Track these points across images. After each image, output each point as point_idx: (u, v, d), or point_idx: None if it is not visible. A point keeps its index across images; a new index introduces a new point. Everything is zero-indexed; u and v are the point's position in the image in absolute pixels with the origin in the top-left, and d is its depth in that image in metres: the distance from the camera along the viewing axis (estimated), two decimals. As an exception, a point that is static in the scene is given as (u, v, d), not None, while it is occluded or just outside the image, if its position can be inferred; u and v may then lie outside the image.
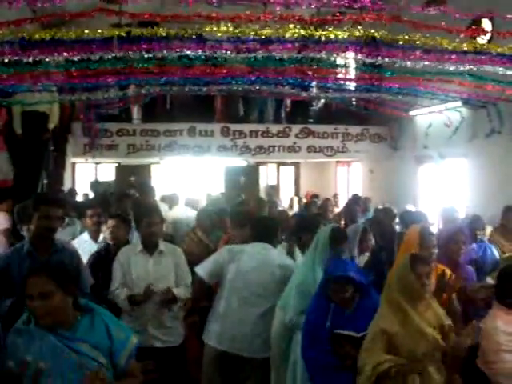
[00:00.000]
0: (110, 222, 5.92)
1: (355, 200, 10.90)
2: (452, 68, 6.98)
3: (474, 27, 8.62)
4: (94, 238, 6.54)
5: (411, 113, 12.81)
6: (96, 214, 6.68)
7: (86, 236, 6.57)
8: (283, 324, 5.00)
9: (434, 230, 6.67)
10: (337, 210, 11.04)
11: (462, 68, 6.94)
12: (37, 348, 3.06)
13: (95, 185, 11.84)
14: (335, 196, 13.51)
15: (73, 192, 11.25)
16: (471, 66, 6.83)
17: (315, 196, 13.65)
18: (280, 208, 10.97)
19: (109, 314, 3.37)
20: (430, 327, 3.79)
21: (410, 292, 3.83)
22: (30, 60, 6.24)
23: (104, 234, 6.34)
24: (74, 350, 3.07)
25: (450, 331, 3.87)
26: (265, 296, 5.18)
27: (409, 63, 6.83)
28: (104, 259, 5.62)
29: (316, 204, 11.21)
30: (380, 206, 10.45)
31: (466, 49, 6.25)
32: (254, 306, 5.16)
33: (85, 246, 6.18)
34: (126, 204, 7.76)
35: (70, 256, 4.56)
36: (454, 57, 6.50)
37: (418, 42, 6.11)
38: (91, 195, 12.06)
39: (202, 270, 5.32)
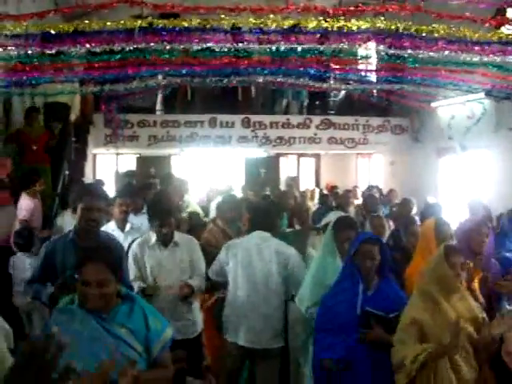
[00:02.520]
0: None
1: (370, 190, 10.91)
2: (475, 59, 6.90)
3: (498, 17, 8.49)
4: (121, 227, 6.59)
5: (433, 104, 12.70)
6: (124, 203, 6.72)
7: (112, 225, 6.60)
8: (301, 316, 5.02)
9: (456, 221, 6.61)
10: (356, 202, 11.01)
11: (485, 59, 6.86)
12: (77, 327, 3.11)
13: (129, 175, 11.90)
14: (355, 188, 13.44)
15: (100, 183, 11.32)
16: (495, 57, 6.75)
17: (334, 187, 13.61)
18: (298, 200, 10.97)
19: (148, 304, 3.44)
20: (461, 319, 3.74)
21: (444, 283, 3.83)
22: (53, 51, 6.29)
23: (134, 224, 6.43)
24: (112, 333, 3.13)
25: (484, 324, 3.84)
26: (268, 287, 5.16)
27: (432, 54, 6.77)
28: None
29: (337, 195, 11.20)
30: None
31: (490, 39, 6.17)
32: (260, 298, 5.15)
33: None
34: (149, 195, 7.80)
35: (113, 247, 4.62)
36: (477, 47, 6.43)
37: (441, 33, 6.04)
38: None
39: (210, 269, 5.42)
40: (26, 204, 8.00)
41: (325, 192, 13.41)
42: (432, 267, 3.94)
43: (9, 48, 6.15)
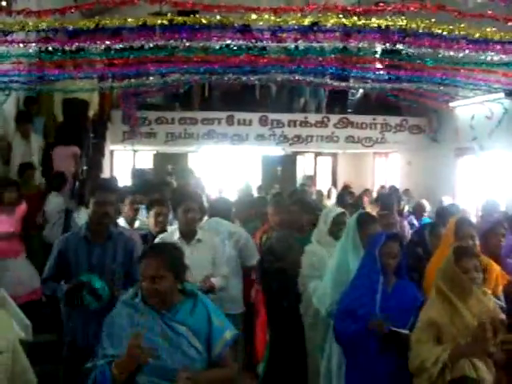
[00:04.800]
0: (158, 209, 5.97)
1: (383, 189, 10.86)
2: (496, 58, 6.84)
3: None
4: (131, 224, 6.60)
5: (451, 104, 12.61)
6: (135, 200, 6.74)
7: (122, 222, 6.61)
8: (318, 314, 5.01)
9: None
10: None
11: (506, 58, 6.80)
12: (140, 321, 3.15)
13: (139, 172, 12.00)
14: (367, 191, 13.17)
15: (114, 179, 11.39)
16: (517, 56, 6.69)
17: (347, 187, 13.52)
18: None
19: (211, 302, 3.43)
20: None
21: (456, 286, 3.74)
22: (73, 48, 6.32)
23: (144, 221, 6.42)
24: (174, 329, 3.15)
25: (502, 325, 3.75)
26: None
27: (452, 53, 6.72)
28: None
29: (352, 195, 11.14)
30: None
31: (512, 38, 6.11)
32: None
33: None
34: (166, 191, 7.82)
35: (124, 243, 4.63)
36: (499, 47, 6.36)
37: (461, 32, 5.99)
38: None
39: None
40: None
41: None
42: (443, 269, 3.89)
43: (30, 45, 6.20)
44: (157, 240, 5.38)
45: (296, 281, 5.47)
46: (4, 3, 7.39)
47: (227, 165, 17.01)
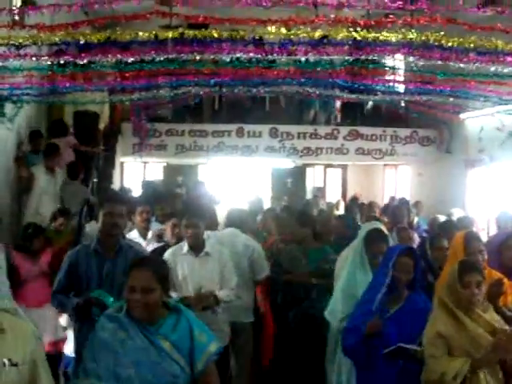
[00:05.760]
0: (175, 220, 6.01)
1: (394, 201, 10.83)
2: (506, 70, 6.84)
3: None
4: (144, 235, 6.63)
5: (462, 115, 12.59)
6: (146, 211, 6.77)
7: (135, 233, 6.65)
8: (332, 329, 5.04)
9: (484, 235, 6.54)
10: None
11: (517, 70, 6.80)
12: (122, 336, 3.12)
13: (150, 184, 12.05)
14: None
15: (125, 190, 11.46)
16: (527, 68, 6.68)
17: (355, 198, 13.48)
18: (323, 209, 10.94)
19: (194, 316, 3.39)
20: (486, 333, 3.69)
21: (458, 301, 3.75)
22: (85, 61, 6.37)
23: (162, 233, 6.47)
24: (156, 345, 3.11)
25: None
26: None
27: (462, 65, 6.72)
28: None
29: (360, 206, 11.11)
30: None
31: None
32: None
33: None
34: (176, 203, 7.86)
35: (134, 255, 4.60)
36: (509, 58, 6.36)
37: (472, 45, 6.00)
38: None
39: None
40: None
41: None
42: (447, 284, 3.89)
43: (42, 58, 6.26)
44: (167, 253, 5.41)
45: (302, 293, 5.51)
46: (17, 17, 7.49)
47: (237, 177, 17.03)
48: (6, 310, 2.88)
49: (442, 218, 8.68)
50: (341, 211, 12.58)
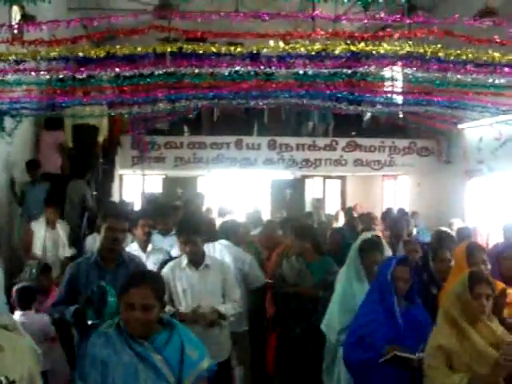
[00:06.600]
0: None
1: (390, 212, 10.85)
2: (502, 80, 6.87)
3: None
4: (144, 247, 6.64)
5: (460, 126, 12.61)
6: (147, 224, 6.77)
7: (135, 246, 6.65)
8: (329, 341, 5.03)
9: (484, 245, 6.54)
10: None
11: (514, 81, 6.82)
12: (111, 353, 3.11)
13: (150, 197, 12.09)
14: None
15: (125, 204, 11.45)
16: (524, 79, 6.70)
17: (350, 209, 13.49)
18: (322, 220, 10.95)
19: (188, 332, 3.35)
20: (490, 346, 3.67)
21: (467, 312, 3.73)
22: (84, 75, 6.40)
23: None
24: (147, 361, 3.08)
25: None
26: None
27: (459, 77, 6.75)
28: None
29: (362, 217, 11.10)
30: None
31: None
32: None
33: None
34: (176, 216, 7.85)
35: (135, 268, 4.63)
36: (507, 69, 6.39)
37: (469, 56, 6.03)
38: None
39: None
40: None
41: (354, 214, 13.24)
42: (455, 294, 3.86)
43: (41, 73, 6.28)
44: (166, 267, 5.40)
45: (310, 307, 5.52)
46: (16, 31, 7.52)
47: (236, 189, 17.04)
48: (5, 326, 2.88)
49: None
50: (340, 222, 12.57)
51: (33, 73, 6.25)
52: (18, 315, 6.08)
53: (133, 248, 6.58)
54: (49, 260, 8.04)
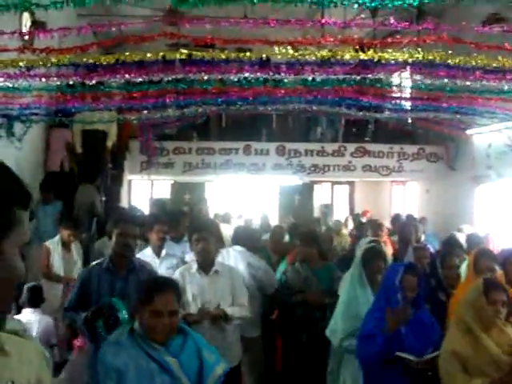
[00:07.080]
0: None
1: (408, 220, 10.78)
2: (512, 86, 6.86)
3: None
4: (158, 253, 6.61)
5: (469, 132, 12.59)
6: (163, 230, 6.74)
7: (149, 251, 6.59)
8: (333, 347, 5.05)
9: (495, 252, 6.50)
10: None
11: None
12: (125, 360, 3.12)
13: (159, 202, 12.11)
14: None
15: (136, 209, 11.46)
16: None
17: (358, 215, 13.42)
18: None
19: (201, 338, 3.40)
20: (504, 352, 3.66)
21: (481, 318, 3.73)
22: (94, 82, 6.44)
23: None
24: (162, 366, 3.10)
25: None
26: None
27: (468, 83, 6.75)
28: None
29: (371, 223, 11.07)
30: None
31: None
32: None
33: (148, 261, 6.27)
34: (185, 221, 7.84)
35: (147, 274, 4.64)
36: (515, 76, 6.39)
37: (478, 62, 6.03)
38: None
39: None
40: None
41: (363, 220, 13.22)
42: (470, 301, 3.86)
43: (51, 79, 6.32)
44: (177, 271, 5.41)
45: (318, 314, 5.52)
46: (26, 37, 7.57)
47: (245, 194, 17.04)
48: (15, 331, 2.88)
49: (461, 236, 8.64)
50: (349, 228, 12.56)
51: (43, 79, 6.29)
52: (26, 313, 6.15)
53: (146, 253, 6.56)
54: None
